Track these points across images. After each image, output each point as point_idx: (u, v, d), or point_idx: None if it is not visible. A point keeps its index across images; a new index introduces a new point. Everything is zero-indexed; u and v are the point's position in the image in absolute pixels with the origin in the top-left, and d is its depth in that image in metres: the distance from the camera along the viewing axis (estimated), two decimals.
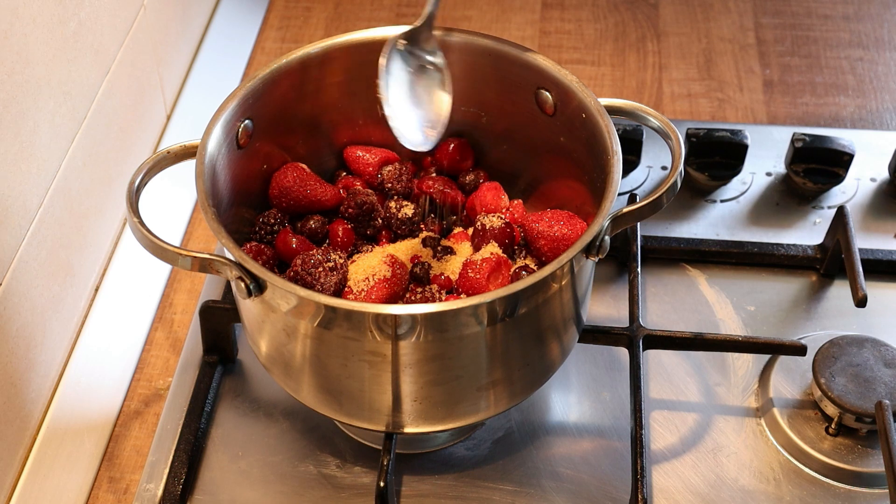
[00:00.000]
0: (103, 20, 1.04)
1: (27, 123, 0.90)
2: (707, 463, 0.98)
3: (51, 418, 0.96)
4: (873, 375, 0.98)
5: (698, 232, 1.16)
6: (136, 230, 0.82)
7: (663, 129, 0.88)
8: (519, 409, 1.01)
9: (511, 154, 1.01)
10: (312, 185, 0.97)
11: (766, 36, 1.41)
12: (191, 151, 0.87)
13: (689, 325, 1.07)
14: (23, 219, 0.90)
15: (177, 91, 1.26)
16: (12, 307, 0.89)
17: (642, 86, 1.35)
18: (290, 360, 0.87)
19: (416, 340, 0.79)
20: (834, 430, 0.98)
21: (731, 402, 1.02)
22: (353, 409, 0.88)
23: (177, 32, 1.25)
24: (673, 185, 0.84)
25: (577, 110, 0.90)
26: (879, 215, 1.17)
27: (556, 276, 0.81)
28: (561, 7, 1.46)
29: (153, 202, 1.02)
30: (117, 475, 1.00)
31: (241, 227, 0.95)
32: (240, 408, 1.02)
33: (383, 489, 0.88)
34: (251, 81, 0.91)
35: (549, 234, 0.91)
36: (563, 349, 0.92)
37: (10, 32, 0.86)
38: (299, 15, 1.45)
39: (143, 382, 1.06)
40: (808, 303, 1.10)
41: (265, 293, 0.81)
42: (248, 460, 0.98)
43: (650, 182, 1.20)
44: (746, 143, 1.17)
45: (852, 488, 0.96)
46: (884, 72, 1.36)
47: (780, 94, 1.34)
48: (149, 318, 1.11)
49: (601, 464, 0.97)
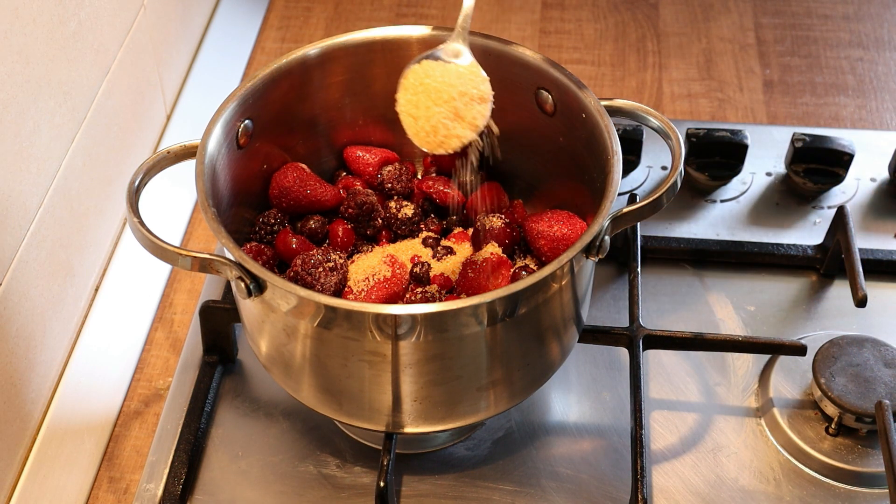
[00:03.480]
0: (103, 20, 1.04)
1: (27, 123, 0.90)
2: (707, 463, 0.98)
3: (51, 418, 0.96)
4: (873, 375, 0.98)
5: (698, 232, 1.16)
6: (136, 230, 0.82)
7: (663, 129, 0.88)
8: (519, 409, 1.01)
9: (511, 154, 1.01)
10: (312, 185, 0.97)
11: (766, 36, 1.41)
12: (191, 151, 0.87)
13: (689, 325, 1.07)
14: (23, 219, 0.90)
15: (177, 91, 1.26)
16: (12, 307, 0.89)
17: (642, 86, 1.35)
18: (290, 360, 0.87)
19: (416, 340, 0.79)
20: (834, 430, 0.98)
21: (731, 402, 1.02)
22: (353, 409, 0.88)
23: (177, 32, 1.25)
24: (673, 185, 0.84)
25: (577, 110, 0.90)
26: (879, 215, 1.17)
27: (556, 276, 0.81)
28: (561, 7, 1.46)
29: (153, 202, 1.02)
30: (117, 475, 1.00)
31: (241, 227, 0.95)
32: (240, 408, 1.02)
33: (383, 489, 0.88)
34: (251, 81, 0.91)
35: (549, 234, 0.91)
36: (563, 349, 0.92)
37: (10, 32, 0.86)
38: (299, 15, 1.45)
39: (143, 382, 1.06)
40: (808, 303, 1.10)
41: (265, 293, 0.81)
42: (248, 460, 0.98)
43: (650, 182, 1.20)
44: (746, 143, 1.17)
45: (852, 488, 0.96)
46: (884, 72, 1.36)
47: (780, 94, 1.34)
48: (149, 318, 1.11)
49: (601, 464, 0.97)
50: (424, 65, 0.87)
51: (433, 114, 0.85)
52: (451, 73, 0.86)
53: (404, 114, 0.87)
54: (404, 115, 0.87)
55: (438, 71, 0.86)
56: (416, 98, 0.86)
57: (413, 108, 0.86)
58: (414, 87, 0.86)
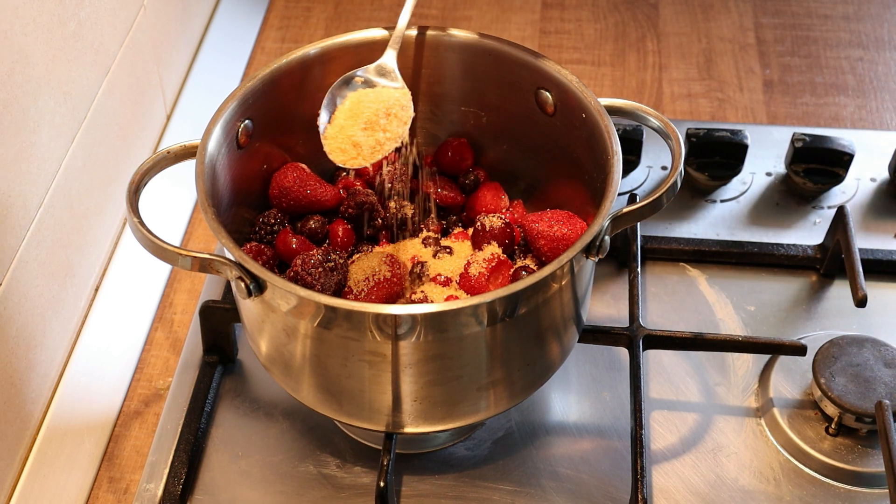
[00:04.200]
0: (103, 20, 1.04)
1: (27, 123, 0.90)
2: (707, 463, 0.98)
3: (51, 418, 0.96)
4: (873, 375, 0.98)
5: (698, 232, 1.16)
6: (136, 230, 0.82)
7: (663, 129, 0.88)
8: (519, 409, 1.01)
9: (511, 154, 1.01)
10: (312, 185, 0.97)
11: (766, 36, 1.41)
12: (191, 151, 0.87)
13: (689, 325, 1.07)
14: (23, 219, 0.90)
15: (177, 91, 1.26)
16: (12, 307, 0.89)
17: (642, 86, 1.35)
18: (290, 360, 0.87)
19: (416, 340, 0.79)
20: (834, 430, 0.98)
21: (731, 402, 1.02)
22: (353, 409, 0.87)
23: (177, 32, 1.25)
24: (673, 185, 0.84)
25: (577, 110, 0.90)
26: (879, 215, 1.17)
27: (556, 276, 0.81)
28: (561, 7, 1.46)
29: (153, 202, 1.02)
30: (117, 475, 1.00)
31: (241, 227, 0.95)
32: (240, 408, 1.02)
33: (383, 489, 0.88)
34: (251, 81, 0.91)
35: (549, 234, 0.91)
36: (563, 349, 0.92)
37: (10, 32, 0.86)
38: (299, 15, 1.45)
39: (143, 382, 1.06)
40: (808, 303, 1.10)
41: (265, 293, 0.81)
42: (248, 460, 0.98)
43: (650, 182, 1.20)
44: (746, 143, 1.17)
45: (852, 488, 0.96)
46: (884, 72, 1.36)
47: (780, 94, 1.34)
48: (149, 318, 1.11)
49: (601, 464, 0.97)
50: (361, 92, 0.91)
51: (350, 129, 0.88)
52: (378, 95, 0.90)
53: (328, 130, 0.89)
54: (328, 130, 0.89)
55: (372, 95, 0.90)
56: (338, 117, 0.89)
57: (334, 127, 0.89)
58: (343, 111, 0.89)
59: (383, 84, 0.91)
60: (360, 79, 0.91)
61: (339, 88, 0.91)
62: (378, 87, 0.91)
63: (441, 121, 1.02)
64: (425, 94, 1.00)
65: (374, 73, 0.92)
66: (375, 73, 0.92)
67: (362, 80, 0.91)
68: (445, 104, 1.01)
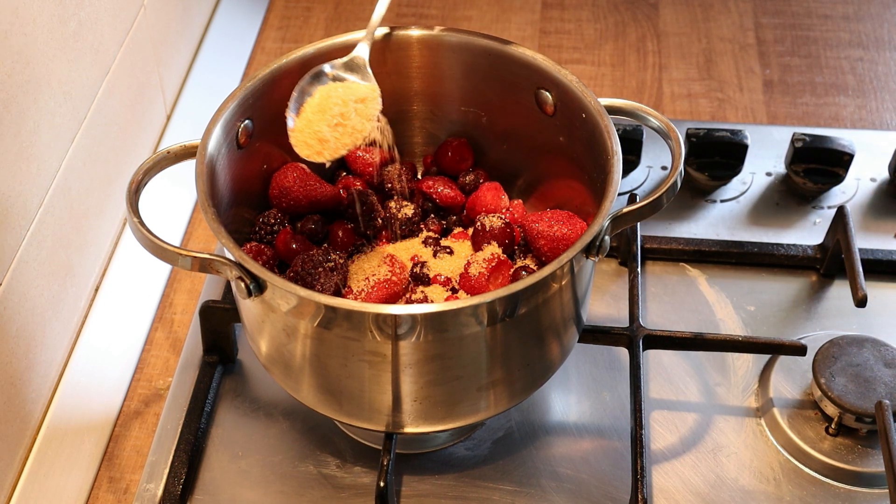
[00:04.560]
0: (103, 20, 1.04)
1: (27, 123, 0.90)
2: (707, 463, 0.98)
3: (51, 418, 0.96)
4: (873, 375, 0.98)
5: (698, 232, 1.16)
6: (136, 230, 0.82)
7: (663, 129, 0.88)
8: (519, 409, 1.01)
9: (511, 154, 1.01)
10: (312, 185, 0.97)
11: (766, 36, 1.41)
12: (191, 151, 0.87)
13: (689, 325, 1.07)
14: (23, 219, 0.90)
15: (177, 91, 1.26)
16: (12, 307, 0.89)
17: (642, 86, 1.35)
18: (290, 360, 0.87)
19: (416, 340, 0.79)
20: (834, 430, 0.98)
21: (731, 402, 1.02)
22: (353, 409, 0.88)
23: (177, 32, 1.25)
24: (673, 185, 0.84)
25: (577, 110, 0.90)
26: (879, 215, 1.17)
27: (556, 276, 0.81)
28: (561, 7, 1.46)
29: (153, 202, 1.02)
30: (117, 475, 1.00)
31: (241, 227, 0.95)
32: (240, 408, 1.02)
33: (383, 489, 0.88)
34: (251, 81, 0.91)
35: (549, 234, 0.91)
36: (563, 349, 0.92)
37: (10, 32, 0.86)
38: (299, 15, 1.45)
39: (143, 382, 1.06)
40: (808, 303, 1.10)
41: (265, 293, 0.81)
42: (248, 460, 0.98)
43: (650, 182, 1.20)
44: (746, 143, 1.17)
45: (852, 488, 0.96)
46: (884, 72, 1.36)
47: (780, 94, 1.34)
48: (149, 318, 1.11)
49: (601, 464, 0.97)
50: (329, 86, 0.90)
51: (317, 123, 0.88)
52: (347, 90, 0.90)
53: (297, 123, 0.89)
54: (297, 124, 0.89)
55: (341, 90, 0.90)
56: (306, 111, 0.89)
57: (301, 121, 0.89)
58: (312, 105, 0.89)
59: (352, 80, 0.91)
60: (331, 74, 0.91)
61: (308, 83, 0.91)
62: (347, 82, 0.91)
63: (441, 121, 1.02)
64: (425, 94, 1.00)
65: (343, 68, 0.92)
66: (344, 69, 0.92)
67: (332, 75, 0.91)
68: (445, 104, 1.01)
